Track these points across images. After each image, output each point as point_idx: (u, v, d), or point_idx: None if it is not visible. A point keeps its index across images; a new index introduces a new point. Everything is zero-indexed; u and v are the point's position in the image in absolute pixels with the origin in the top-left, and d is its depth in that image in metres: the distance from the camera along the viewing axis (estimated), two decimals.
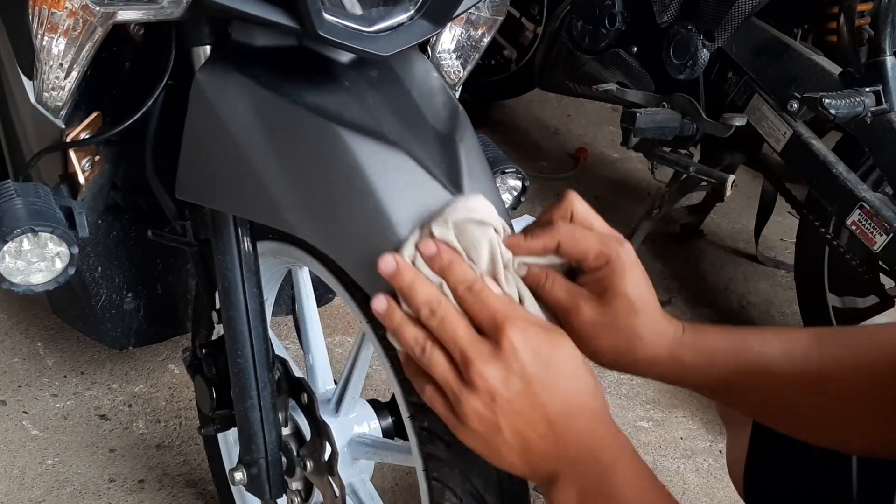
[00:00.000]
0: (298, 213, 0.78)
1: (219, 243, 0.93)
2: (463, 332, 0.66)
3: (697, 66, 1.81)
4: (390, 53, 0.82)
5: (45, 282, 0.94)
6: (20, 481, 1.40)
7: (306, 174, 0.78)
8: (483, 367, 0.65)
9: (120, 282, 1.27)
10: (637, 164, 2.69)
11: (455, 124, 0.84)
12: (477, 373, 0.65)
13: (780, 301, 2.20)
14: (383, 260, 0.70)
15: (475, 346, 0.66)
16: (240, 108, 0.82)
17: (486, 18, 1.07)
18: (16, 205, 0.90)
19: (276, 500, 1.02)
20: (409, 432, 0.85)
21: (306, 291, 1.11)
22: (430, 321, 0.68)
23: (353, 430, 1.06)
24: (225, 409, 1.04)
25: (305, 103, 0.79)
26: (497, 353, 0.65)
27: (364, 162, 0.76)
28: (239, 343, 0.95)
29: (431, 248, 0.70)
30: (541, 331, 0.67)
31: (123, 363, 1.65)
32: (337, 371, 1.11)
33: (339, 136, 0.77)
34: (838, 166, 1.67)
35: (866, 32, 1.65)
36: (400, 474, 1.51)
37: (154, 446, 1.50)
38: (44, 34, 0.87)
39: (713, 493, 1.61)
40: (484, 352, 0.65)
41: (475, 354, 0.65)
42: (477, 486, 0.78)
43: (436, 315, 0.67)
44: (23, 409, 1.53)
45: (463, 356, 0.66)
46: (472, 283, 0.68)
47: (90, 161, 1.03)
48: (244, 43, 0.88)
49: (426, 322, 0.68)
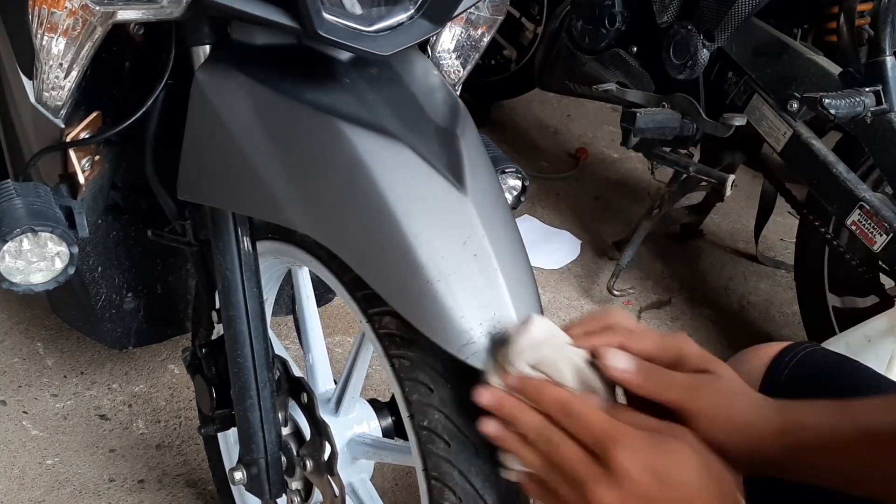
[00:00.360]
0: (300, 209, 0.78)
1: (218, 243, 0.93)
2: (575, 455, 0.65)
3: (697, 66, 1.82)
4: (390, 53, 0.82)
5: (44, 281, 0.94)
6: (20, 481, 1.40)
7: (307, 170, 0.78)
8: (599, 490, 0.63)
9: (120, 282, 1.27)
10: (637, 164, 2.69)
11: (456, 119, 0.84)
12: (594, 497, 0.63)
13: (780, 301, 2.20)
14: (483, 394, 0.70)
15: (590, 469, 0.64)
16: (240, 106, 0.82)
17: (486, 18, 1.07)
18: (16, 204, 0.90)
19: (276, 499, 1.02)
20: (409, 432, 0.84)
21: (306, 291, 1.11)
22: (539, 446, 0.66)
23: (353, 429, 1.06)
24: (225, 409, 1.04)
25: (305, 100, 0.79)
26: (610, 475, 0.63)
27: (365, 156, 0.76)
28: (239, 343, 0.95)
29: (514, 381, 0.69)
30: (650, 441, 0.64)
31: (123, 363, 1.65)
32: (337, 371, 1.11)
33: (340, 131, 0.77)
34: (838, 166, 1.67)
35: (866, 32, 1.65)
36: (400, 474, 1.51)
37: (154, 446, 1.50)
38: (43, 34, 0.87)
39: None
40: (598, 475, 0.63)
41: (591, 479, 0.63)
42: (476, 486, 0.78)
43: (544, 437, 0.66)
44: (23, 409, 1.53)
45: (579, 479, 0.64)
46: (565, 404, 0.66)
47: (90, 161, 1.03)
48: (244, 42, 0.88)
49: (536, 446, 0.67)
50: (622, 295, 2.06)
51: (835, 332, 1.76)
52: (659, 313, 2.08)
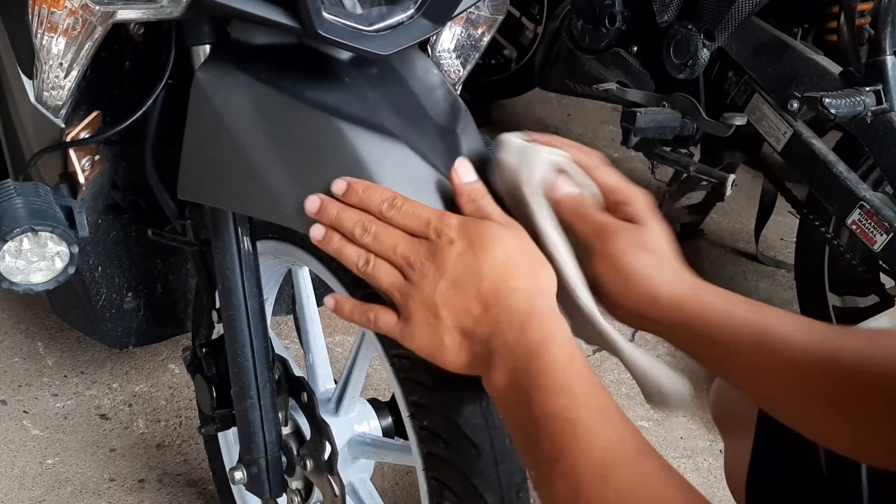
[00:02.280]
0: (300, 208, 0.78)
1: (219, 242, 0.93)
2: (399, 238, 0.69)
3: (697, 65, 1.81)
4: (390, 52, 0.82)
5: (45, 281, 0.94)
6: (20, 481, 1.40)
7: (308, 169, 0.78)
8: (424, 262, 0.67)
9: (120, 281, 1.27)
10: (637, 164, 2.69)
11: (456, 118, 0.84)
12: (418, 270, 0.67)
13: (781, 300, 2.20)
14: (308, 201, 0.73)
15: (413, 246, 0.68)
16: (240, 105, 0.82)
17: (486, 17, 1.07)
18: (16, 204, 0.90)
19: (276, 499, 1.02)
20: (409, 431, 0.84)
21: (306, 291, 1.11)
22: (364, 238, 0.70)
23: (353, 429, 1.06)
24: (225, 409, 1.04)
25: (305, 99, 0.79)
26: (433, 248, 0.68)
27: (365, 154, 0.76)
28: (239, 342, 0.95)
29: (341, 185, 0.73)
30: (475, 221, 0.69)
31: (124, 363, 1.65)
32: (337, 370, 1.11)
33: (340, 130, 0.77)
34: (838, 166, 1.67)
35: (866, 32, 1.65)
36: (400, 474, 1.51)
37: (154, 446, 1.50)
38: (43, 33, 0.87)
39: (713, 492, 1.61)
40: (422, 249, 0.68)
41: (414, 255, 0.68)
42: (477, 486, 0.78)
43: (369, 231, 0.70)
44: (23, 409, 1.53)
45: (405, 258, 0.68)
46: (392, 199, 0.71)
47: (90, 160, 1.03)
48: (244, 42, 0.88)
49: (361, 242, 0.70)
50: None
51: None
52: None
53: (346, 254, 0.71)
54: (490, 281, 0.67)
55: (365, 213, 0.71)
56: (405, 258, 0.69)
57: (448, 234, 0.68)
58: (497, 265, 0.67)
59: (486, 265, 0.67)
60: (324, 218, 0.73)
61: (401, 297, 0.69)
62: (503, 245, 0.68)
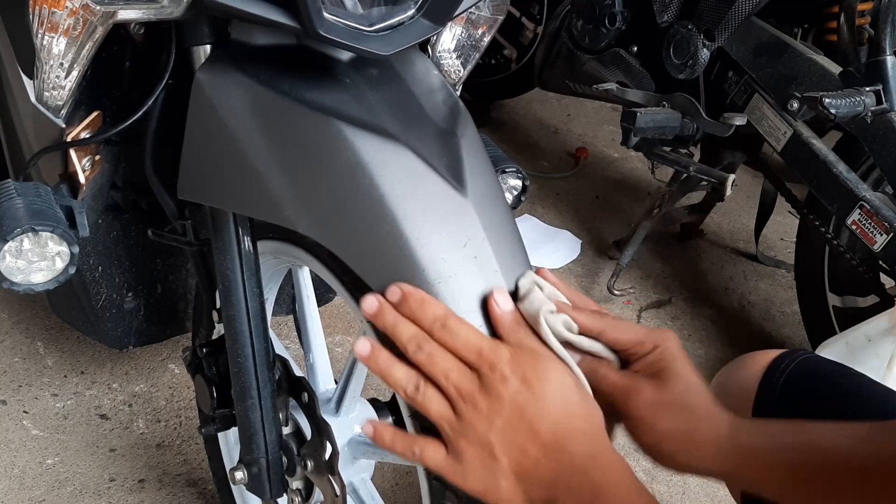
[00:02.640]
0: (300, 209, 0.78)
1: (219, 242, 0.93)
2: (452, 365, 0.66)
3: (697, 65, 1.82)
4: (390, 53, 0.82)
5: (45, 281, 0.94)
6: (20, 481, 1.40)
7: (307, 170, 0.78)
8: (476, 397, 0.64)
9: (120, 281, 1.27)
10: (637, 164, 2.69)
11: (456, 120, 0.84)
12: (471, 404, 0.64)
13: (781, 300, 2.20)
14: (365, 300, 0.70)
15: (466, 376, 0.65)
16: (240, 106, 0.82)
17: (487, 18, 1.07)
18: (16, 204, 0.90)
19: (277, 499, 1.02)
20: (410, 432, 0.84)
21: (306, 291, 1.11)
22: (417, 356, 0.67)
23: (354, 429, 1.06)
24: (225, 409, 1.04)
25: (305, 100, 0.79)
26: (486, 383, 0.64)
27: (365, 156, 0.76)
28: (239, 342, 0.95)
29: (397, 293, 0.70)
30: (528, 357, 0.66)
31: (124, 363, 1.65)
32: (337, 370, 1.11)
33: (340, 131, 0.77)
34: (838, 166, 1.67)
35: (866, 32, 1.65)
36: (400, 474, 1.51)
37: (154, 446, 1.50)
38: (44, 33, 0.87)
39: (714, 492, 1.61)
40: (475, 383, 0.65)
41: (467, 387, 0.65)
42: None
43: (423, 350, 0.67)
44: (23, 409, 1.53)
45: (457, 389, 0.65)
46: (446, 318, 0.68)
47: (90, 160, 1.03)
48: (244, 42, 0.88)
49: (414, 358, 0.67)
50: (622, 294, 2.06)
51: (835, 332, 1.76)
52: (659, 313, 2.09)
53: (394, 376, 0.68)
54: (549, 422, 0.64)
55: (420, 329, 0.68)
56: (457, 388, 0.65)
57: (501, 368, 0.65)
58: (555, 405, 0.65)
59: (544, 405, 0.65)
60: (379, 323, 0.70)
61: (451, 432, 0.66)
62: (559, 383, 0.66)
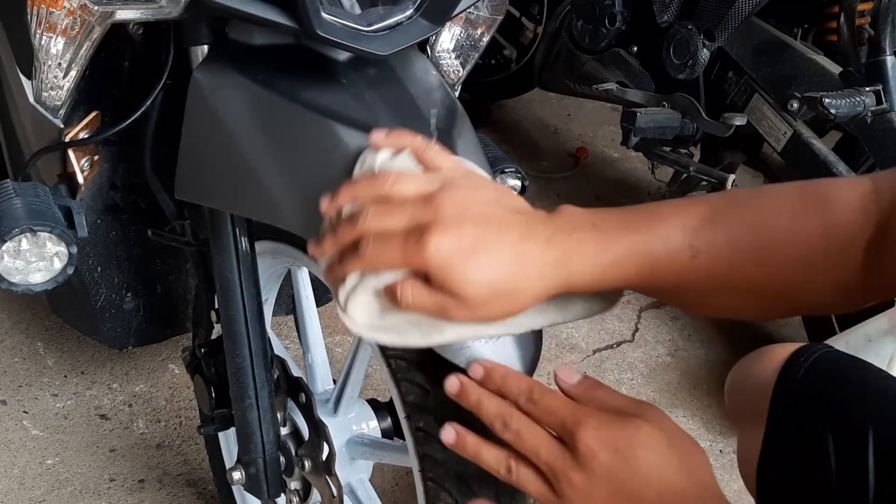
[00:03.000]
0: (296, 210, 0.78)
1: (217, 243, 0.93)
2: (543, 443, 0.65)
3: (697, 65, 1.81)
4: (389, 53, 0.82)
5: (44, 281, 0.94)
6: (20, 481, 1.40)
7: (304, 171, 0.78)
8: (569, 474, 0.63)
9: (119, 281, 1.27)
10: (637, 164, 2.68)
11: (453, 121, 0.84)
12: (566, 481, 0.63)
13: None
14: (448, 381, 0.69)
15: (556, 452, 0.64)
16: (237, 106, 0.82)
17: (486, 18, 1.07)
18: (14, 204, 0.90)
19: (275, 499, 1.02)
20: (406, 433, 0.84)
21: (305, 291, 1.11)
22: (505, 435, 0.66)
23: (352, 429, 1.06)
24: (224, 409, 1.04)
25: (303, 101, 0.79)
26: (578, 459, 0.63)
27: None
28: (237, 342, 0.95)
29: (479, 370, 0.69)
30: (612, 421, 0.65)
31: (123, 363, 1.65)
32: (336, 370, 1.11)
33: (336, 133, 0.76)
34: (838, 166, 1.67)
35: (866, 32, 1.65)
36: (399, 474, 1.51)
37: (154, 446, 1.50)
38: (42, 33, 0.87)
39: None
40: (567, 459, 0.64)
41: (559, 464, 0.64)
42: (472, 487, 0.78)
43: (510, 428, 0.66)
44: (23, 409, 1.53)
45: (549, 467, 0.64)
46: (531, 391, 0.67)
47: (89, 160, 1.03)
48: (242, 42, 0.88)
49: (502, 437, 0.66)
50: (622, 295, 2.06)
51: (835, 332, 1.76)
52: (659, 313, 2.08)
53: (484, 459, 0.67)
54: (652, 492, 0.63)
55: (505, 404, 0.67)
56: (549, 466, 0.64)
57: (588, 442, 0.63)
58: (653, 471, 0.63)
59: (642, 474, 0.63)
60: (463, 402, 0.69)
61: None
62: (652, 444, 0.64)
